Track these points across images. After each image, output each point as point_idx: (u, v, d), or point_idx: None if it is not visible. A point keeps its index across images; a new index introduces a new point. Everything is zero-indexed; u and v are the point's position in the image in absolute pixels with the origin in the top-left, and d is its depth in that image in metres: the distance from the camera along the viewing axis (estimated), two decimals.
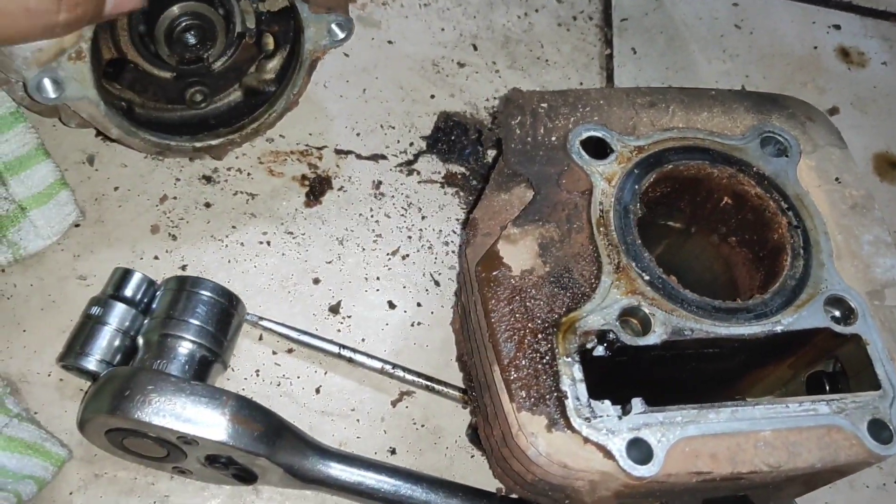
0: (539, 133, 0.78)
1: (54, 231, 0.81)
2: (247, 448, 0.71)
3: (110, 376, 0.72)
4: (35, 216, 0.79)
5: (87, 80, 0.74)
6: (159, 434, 0.70)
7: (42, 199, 0.80)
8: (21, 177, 0.80)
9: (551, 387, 0.66)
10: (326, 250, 0.93)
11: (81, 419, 0.71)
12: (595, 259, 0.72)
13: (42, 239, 0.80)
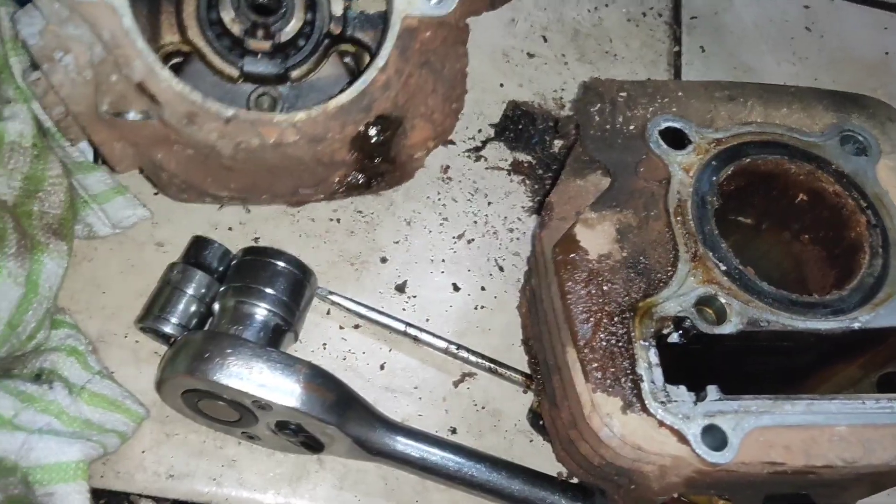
0: (618, 121, 0.79)
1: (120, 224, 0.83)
2: (318, 416, 0.72)
3: (189, 339, 0.73)
4: (105, 209, 0.81)
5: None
6: (234, 397, 0.71)
7: (108, 196, 0.82)
8: (89, 178, 0.82)
9: (627, 369, 0.66)
10: (394, 231, 0.94)
11: (160, 379, 0.73)
12: (672, 247, 0.72)
13: (108, 227, 0.82)
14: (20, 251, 0.69)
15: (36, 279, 0.70)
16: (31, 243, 0.71)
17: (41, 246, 0.72)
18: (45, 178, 0.74)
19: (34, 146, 0.74)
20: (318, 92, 0.87)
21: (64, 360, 0.71)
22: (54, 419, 0.67)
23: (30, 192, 0.73)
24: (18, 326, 0.68)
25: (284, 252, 0.79)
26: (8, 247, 0.68)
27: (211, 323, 0.78)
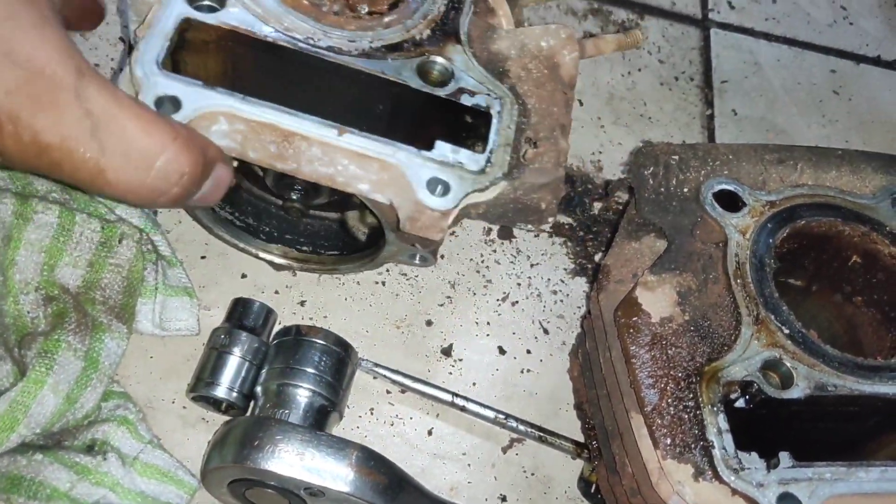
0: (671, 184, 0.79)
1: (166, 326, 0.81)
2: (371, 500, 0.70)
3: (234, 426, 0.71)
4: (166, 303, 0.80)
5: None
6: (285, 484, 0.69)
7: (176, 293, 0.81)
8: (168, 270, 0.82)
9: (697, 435, 0.65)
10: (439, 293, 0.94)
11: (205, 469, 0.71)
12: (733, 310, 0.72)
13: (152, 326, 0.80)
14: (80, 328, 0.68)
15: (96, 356, 0.69)
16: (93, 322, 0.70)
17: (102, 326, 0.71)
18: (107, 265, 0.74)
19: (102, 232, 0.74)
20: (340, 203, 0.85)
21: (115, 431, 0.70)
22: (109, 492, 0.65)
23: (93, 279, 0.73)
24: (77, 401, 0.67)
25: (324, 329, 0.78)
26: (68, 323, 0.68)
27: (255, 407, 0.77)
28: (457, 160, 0.61)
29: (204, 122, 0.61)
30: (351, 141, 0.60)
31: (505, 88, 0.65)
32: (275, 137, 0.61)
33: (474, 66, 0.65)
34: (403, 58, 0.64)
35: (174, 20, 0.64)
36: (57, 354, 0.68)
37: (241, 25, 0.65)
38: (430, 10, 0.68)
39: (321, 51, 0.64)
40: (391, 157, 0.60)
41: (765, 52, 1.24)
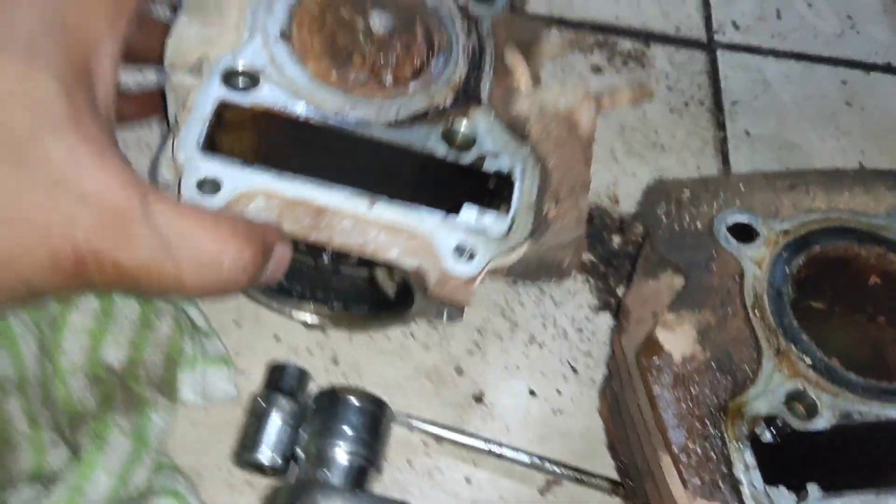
0: (684, 220, 0.81)
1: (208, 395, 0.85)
2: None
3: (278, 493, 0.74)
4: (205, 372, 0.83)
5: None
6: None
7: (214, 363, 0.84)
8: (206, 342, 0.85)
9: (725, 473, 0.66)
10: (467, 340, 0.96)
11: None
12: (754, 343, 0.73)
13: (194, 395, 0.84)
14: (127, 407, 0.72)
15: (145, 433, 0.73)
16: (138, 400, 0.73)
17: (148, 402, 0.74)
18: (148, 343, 0.77)
19: (141, 311, 0.78)
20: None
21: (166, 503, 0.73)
22: None
23: (136, 357, 0.77)
24: (129, 480, 0.70)
25: (357, 389, 0.81)
26: (116, 403, 0.71)
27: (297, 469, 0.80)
28: (482, 225, 0.64)
29: (243, 199, 0.65)
30: (381, 212, 0.63)
31: (526, 150, 0.67)
32: (308, 212, 0.64)
33: (497, 128, 0.67)
34: (428, 126, 0.67)
35: (212, 103, 0.68)
36: (107, 436, 0.71)
37: (275, 105, 0.68)
38: (452, 75, 0.71)
39: (350, 124, 0.67)
40: (419, 225, 0.63)
41: (773, 69, 1.25)
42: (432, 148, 0.65)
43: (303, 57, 0.70)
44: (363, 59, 0.74)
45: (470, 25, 0.73)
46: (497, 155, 0.66)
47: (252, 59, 0.69)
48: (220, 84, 0.67)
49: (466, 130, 0.67)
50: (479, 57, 0.71)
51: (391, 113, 0.67)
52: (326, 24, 0.74)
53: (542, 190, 0.67)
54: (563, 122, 0.70)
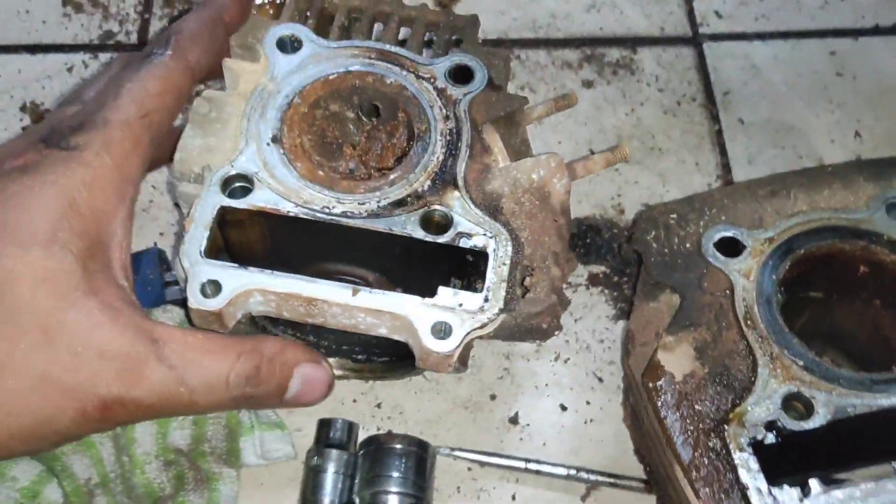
0: (674, 243, 0.87)
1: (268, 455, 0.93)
2: None
3: None
4: (263, 437, 0.92)
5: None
6: None
7: (269, 427, 0.93)
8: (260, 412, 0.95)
9: (732, 481, 0.73)
10: (496, 367, 1.03)
11: None
12: (749, 353, 0.79)
13: (256, 458, 0.92)
14: (198, 485, 0.81)
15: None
16: (206, 476, 0.83)
17: (215, 476, 0.84)
18: (208, 420, 0.87)
19: None
20: None
21: None
22: None
23: (199, 434, 0.86)
24: None
25: (399, 434, 0.90)
26: (188, 483, 0.81)
27: None
28: (457, 303, 0.71)
29: (242, 297, 0.73)
30: (363, 299, 0.71)
31: (499, 226, 0.74)
32: (301, 302, 0.72)
33: (471, 208, 0.74)
34: (407, 212, 0.75)
35: (212, 210, 0.76)
36: None
37: (267, 205, 0.76)
38: (429, 161, 0.78)
39: (336, 217, 0.75)
40: (399, 308, 0.71)
41: (760, 52, 1.28)
42: (411, 231, 0.73)
43: (292, 158, 0.77)
44: (353, 148, 0.82)
45: (448, 108, 0.80)
46: (472, 234, 0.73)
47: (246, 165, 0.77)
48: (218, 192, 0.76)
49: (442, 213, 0.74)
50: (456, 139, 0.78)
51: (372, 203, 0.75)
52: (316, 121, 0.82)
53: (515, 263, 0.73)
54: (536, 194, 0.77)
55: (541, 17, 1.30)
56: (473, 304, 0.71)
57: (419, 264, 0.77)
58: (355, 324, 0.73)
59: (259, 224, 0.78)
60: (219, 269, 0.72)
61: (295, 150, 0.78)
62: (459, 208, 0.74)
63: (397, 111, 0.81)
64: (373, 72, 0.83)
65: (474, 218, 0.74)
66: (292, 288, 0.71)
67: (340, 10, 0.90)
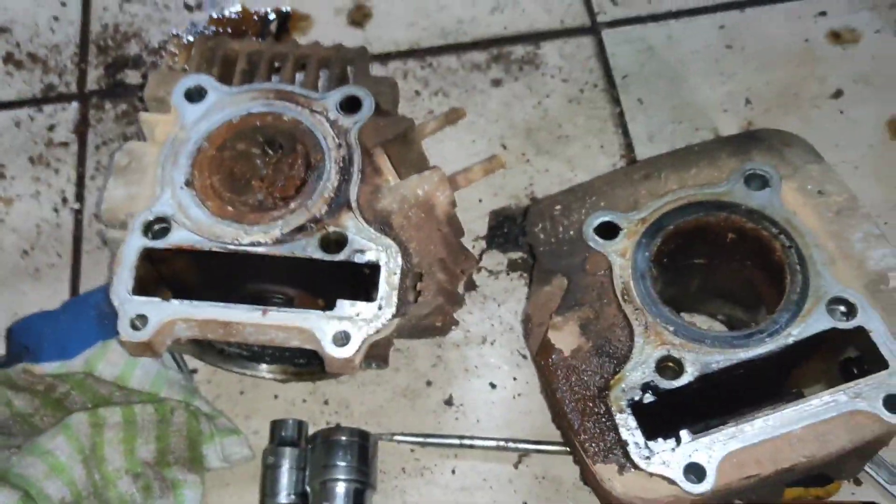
0: (559, 231, 0.97)
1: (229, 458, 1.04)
2: None
3: None
4: (223, 443, 1.03)
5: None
6: None
7: (226, 434, 1.03)
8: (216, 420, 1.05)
9: (615, 439, 0.84)
10: (430, 356, 1.14)
11: None
12: (626, 325, 0.89)
13: (219, 461, 1.03)
14: (164, 492, 0.93)
15: None
16: (172, 483, 0.95)
17: (180, 482, 0.95)
18: (170, 433, 0.98)
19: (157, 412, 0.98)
20: None
21: None
22: None
23: (163, 447, 0.97)
24: None
25: (341, 427, 1.01)
26: (154, 490, 0.92)
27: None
28: (355, 312, 0.81)
29: (168, 326, 0.84)
30: (273, 317, 0.82)
31: (390, 240, 0.84)
32: (218, 326, 0.83)
33: (364, 227, 0.85)
34: (307, 236, 0.85)
35: (135, 252, 0.87)
36: None
37: (184, 243, 0.87)
38: (325, 187, 0.88)
39: (244, 247, 0.86)
40: (304, 322, 0.81)
41: (654, 34, 1.37)
42: (311, 253, 0.83)
43: (204, 199, 0.88)
44: (261, 181, 0.92)
45: (340, 137, 0.90)
46: (365, 250, 0.83)
47: (163, 209, 0.87)
48: (140, 235, 0.86)
49: (338, 234, 0.84)
50: (348, 165, 0.88)
51: (276, 231, 0.85)
52: (224, 161, 0.92)
53: (406, 272, 0.84)
54: (422, 207, 0.87)
55: (448, 24, 1.39)
56: (369, 312, 0.81)
57: (326, 279, 0.87)
58: (270, 339, 0.83)
59: (183, 259, 0.88)
60: (145, 305, 0.83)
61: (206, 190, 0.88)
62: (353, 228, 0.85)
63: (296, 144, 0.91)
64: (272, 111, 0.93)
65: (367, 235, 0.84)
66: (209, 314, 0.82)
67: (241, 56, 1.00)
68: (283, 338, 0.83)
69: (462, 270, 0.93)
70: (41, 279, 1.20)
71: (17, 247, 1.22)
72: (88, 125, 1.32)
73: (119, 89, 1.35)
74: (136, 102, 1.33)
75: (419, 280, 0.85)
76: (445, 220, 0.88)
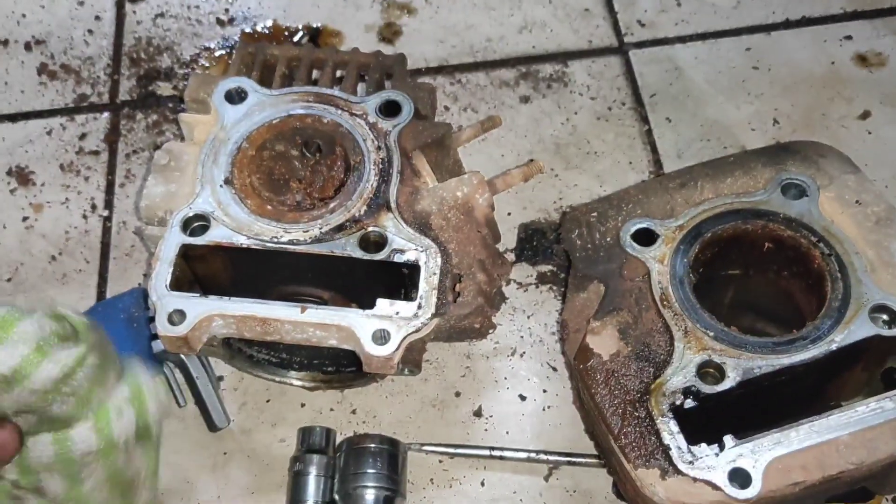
0: (596, 238, 0.96)
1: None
2: None
3: None
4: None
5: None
6: None
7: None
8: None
9: (656, 443, 0.83)
10: (458, 366, 1.13)
11: None
12: (666, 330, 0.88)
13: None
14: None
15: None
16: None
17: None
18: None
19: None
20: None
21: None
22: None
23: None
24: None
25: (370, 434, 0.99)
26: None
27: None
28: (394, 311, 0.81)
29: (205, 322, 0.83)
30: (311, 315, 0.81)
31: (429, 241, 0.84)
32: (256, 323, 0.82)
33: (403, 228, 0.85)
34: (346, 235, 0.85)
35: (174, 249, 0.86)
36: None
37: (223, 240, 0.87)
38: (364, 188, 0.88)
39: (284, 245, 0.86)
40: (343, 320, 0.81)
41: (682, 55, 1.38)
42: (351, 252, 0.83)
43: (243, 197, 0.88)
44: (300, 182, 0.92)
45: (379, 140, 0.90)
46: (404, 250, 0.83)
47: (203, 206, 0.87)
48: (179, 232, 0.86)
49: (378, 234, 0.84)
50: (388, 167, 0.88)
51: (315, 230, 0.85)
52: (264, 161, 0.92)
53: (445, 272, 0.83)
54: (461, 209, 0.87)
55: (477, 42, 1.41)
56: (408, 311, 0.81)
57: (363, 280, 0.87)
58: (307, 337, 0.82)
59: (219, 257, 0.88)
60: (183, 300, 0.82)
61: (245, 189, 0.89)
62: (393, 228, 0.85)
63: (335, 146, 0.91)
64: (311, 113, 0.94)
65: (406, 235, 0.84)
66: (248, 311, 0.81)
67: (281, 61, 1.01)
68: (321, 336, 0.82)
69: (498, 275, 0.93)
70: (68, 284, 1.19)
71: (46, 252, 1.22)
72: (119, 135, 1.33)
73: (150, 100, 1.36)
74: (166, 113, 1.34)
75: (458, 281, 0.84)
76: (484, 222, 0.88)
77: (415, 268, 0.83)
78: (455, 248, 0.85)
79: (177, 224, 0.86)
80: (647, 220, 0.95)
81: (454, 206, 0.87)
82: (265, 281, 0.92)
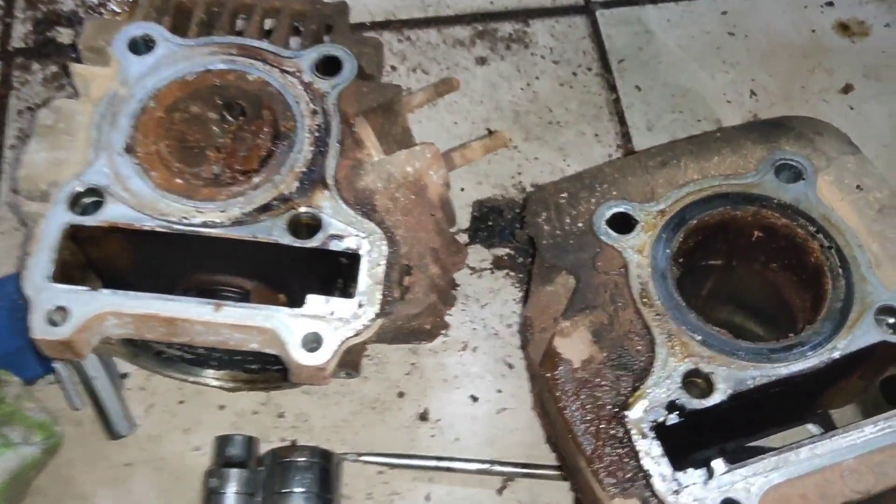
0: (565, 223, 0.84)
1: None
2: None
3: None
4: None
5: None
6: None
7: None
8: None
9: (636, 468, 0.71)
10: (402, 363, 1.00)
11: None
12: (646, 332, 0.77)
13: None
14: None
15: None
16: None
17: None
18: None
19: None
20: None
21: None
22: None
23: None
24: None
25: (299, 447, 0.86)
26: None
27: None
28: (329, 311, 0.67)
29: (95, 321, 0.68)
30: (228, 314, 0.67)
31: (373, 225, 0.70)
32: (159, 323, 0.68)
33: (342, 208, 0.70)
34: (273, 217, 0.70)
35: (58, 230, 0.70)
36: None
37: (120, 221, 0.71)
38: (296, 160, 0.73)
39: (195, 227, 0.70)
40: (266, 321, 0.67)
41: (653, 16, 1.26)
42: (277, 237, 0.68)
43: (147, 168, 0.72)
44: (218, 151, 0.76)
45: (315, 102, 0.75)
46: (343, 236, 0.69)
47: (96, 178, 0.72)
48: (66, 209, 0.70)
49: (310, 216, 0.69)
50: (325, 135, 0.73)
51: (235, 210, 0.70)
52: (174, 125, 0.76)
53: (392, 263, 0.70)
54: (412, 187, 0.73)
55: None
56: (347, 310, 0.67)
57: (293, 271, 0.73)
58: (223, 340, 0.68)
59: (117, 240, 0.72)
60: (67, 294, 0.67)
61: (150, 158, 0.73)
62: (329, 209, 0.70)
63: (262, 109, 0.76)
64: (234, 69, 0.78)
65: (346, 218, 0.70)
66: (149, 308, 0.66)
67: (199, 5, 0.85)
68: (239, 339, 0.68)
69: (453, 265, 0.79)
70: None
71: None
72: (11, 87, 1.15)
73: (49, 48, 1.18)
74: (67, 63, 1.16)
75: (407, 274, 0.71)
76: (438, 203, 0.74)
77: (355, 257, 0.69)
78: (404, 235, 0.71)
79: (62, 200, 0.71)
80: (624, 203, 0.83)
81: (403, 184, 0.73)
82: (175, 268, 0.77)
